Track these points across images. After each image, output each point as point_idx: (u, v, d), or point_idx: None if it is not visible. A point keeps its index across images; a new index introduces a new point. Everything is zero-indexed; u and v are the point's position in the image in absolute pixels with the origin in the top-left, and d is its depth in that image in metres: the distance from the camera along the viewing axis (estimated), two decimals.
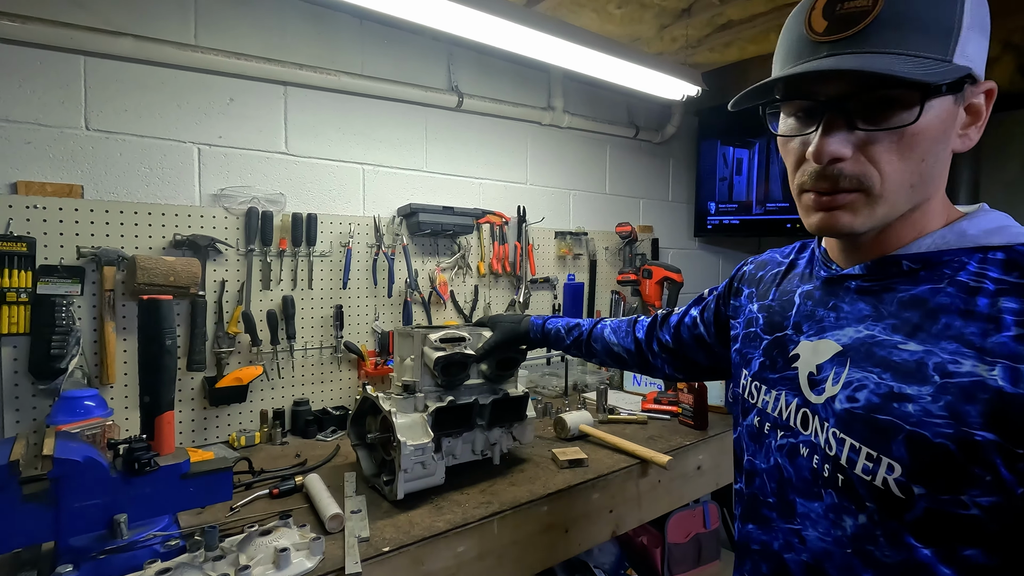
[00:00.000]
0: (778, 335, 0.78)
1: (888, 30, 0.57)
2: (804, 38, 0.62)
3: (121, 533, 0.97)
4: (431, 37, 2.19)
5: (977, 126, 0.64)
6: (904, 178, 0.61)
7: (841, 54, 0.58)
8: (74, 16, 1.52)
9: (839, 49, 0.59)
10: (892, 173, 0.60)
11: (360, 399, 1.45)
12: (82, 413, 1.38)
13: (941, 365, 0.58)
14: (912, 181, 0.61)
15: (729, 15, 2.12)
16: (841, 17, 0.59)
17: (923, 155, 0.60)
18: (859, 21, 0.58)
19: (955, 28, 0.57)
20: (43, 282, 1.45)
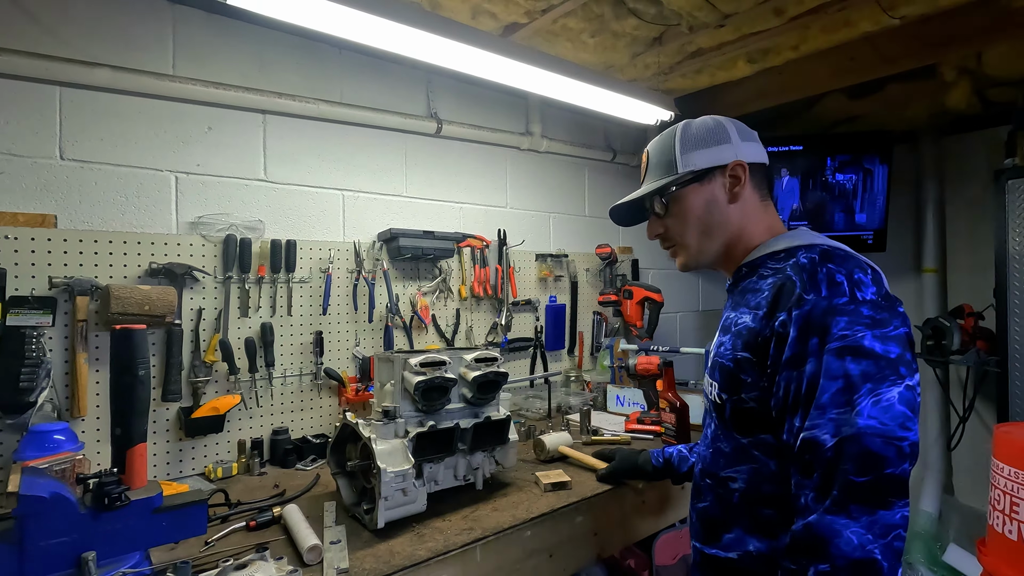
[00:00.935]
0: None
1: (650, 173, 1.13)
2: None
3: (89, 572, 0.94)
4: (410, 66, 2.23)
5: (741, 185, 1.03)
6: (690, 233, 1.07)
7: (641, 187, 1.14)
8: (50, 47, 1.52)
9: (641, 186, 1.14)
10: (682, 233, 1.09)
11: (340, 426, 1.42)
12: (51, 447, 1.34)
13: (736, 320, 0.98)
14: (698, 232, 1.06)
15: (699, 43, 2.19)
16: (642, 173, 1.16)
17: (697, 217, 1.06)
18: (643, 173, 1.16)
19: (673, 159, 1.06)
20: (13, 313, 1.42)
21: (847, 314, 0.81)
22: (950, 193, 3.00)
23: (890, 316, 0.81)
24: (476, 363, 1.48)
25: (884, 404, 0.76)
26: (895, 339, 0.80)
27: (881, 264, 3.08)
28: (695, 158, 1.04)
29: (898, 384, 0.78)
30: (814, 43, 2.15)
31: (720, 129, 1.05)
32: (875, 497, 0.75)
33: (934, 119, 2.83)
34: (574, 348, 2.80)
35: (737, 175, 1.03)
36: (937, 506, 2.92)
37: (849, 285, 0.83)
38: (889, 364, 0.78)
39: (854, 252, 0.92)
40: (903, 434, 0.76)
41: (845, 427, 0.77)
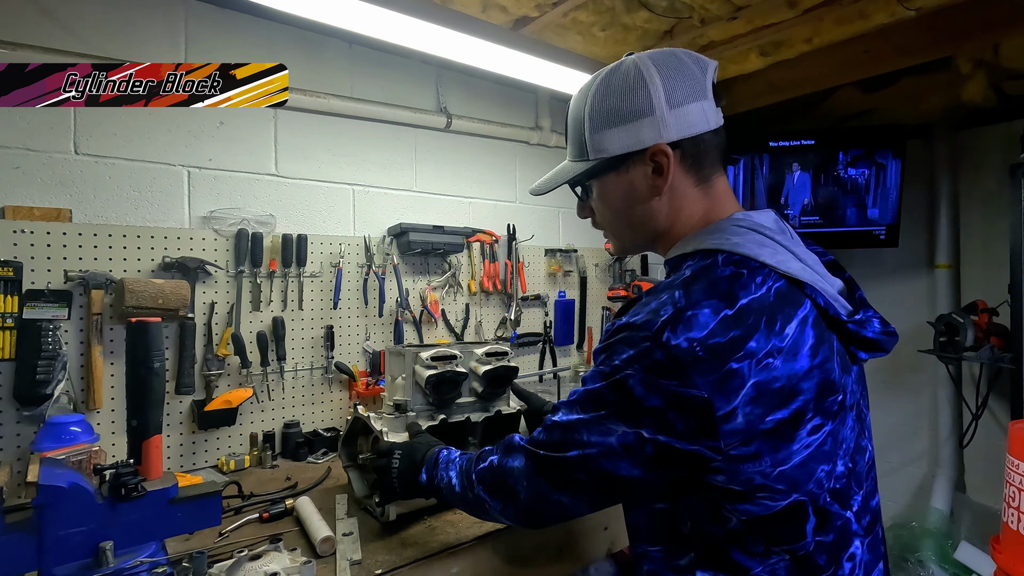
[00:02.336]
0: None
1: (568, 144, 0.94)
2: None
3: (107, 561, 0.95)
4: (420, 60, 2.23)
5: (664, 175, 0.83)
6: (615, 223, 0.93)
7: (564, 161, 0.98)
8: (64, 43, 1.53)
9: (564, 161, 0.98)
10: (607, 223, 0.95)
11: (351, 419, 1.43)
12: (68, 439, 1.36)
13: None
14: (621, 227, 0.93)
15: (710, 36, 2.17)
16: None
17: (617, 212, 0.91)
18: (565, 139, 0.96)
19: (583, 140, 0.87)
20: (29, 307, 1.43)
21: (634, 347, 0.72)
22: (964, 188, 2.96)
23: (684, 371, 0.68)
24: (487, 357, 1.48)
25: (602, 429, 0.76)
26: (665, 394, 0.69)
27: (894, 260, 3.02)
28: (607, 141, 0.84)
29: (628, 428, 0.73)
30: (828, 36, 2.12)
31: (641, 93, 0.80)
32: (546, 468, 0.83)
33: (949, 113, 2.78)
34: (583, 343, 2.79)
35: (660, 163, 0.82)
36: (949, 504, 2.90)
37: (668, 320, 0.70)
38: (635, 408, 0.72)
39: (767, 263, 0.75)
40: (597, 458, 0.77)
41: (570, 418, 0.81)
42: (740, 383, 0.68)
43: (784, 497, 0.71)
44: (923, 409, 3.09)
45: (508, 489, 0.87)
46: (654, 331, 0.70)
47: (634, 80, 0.82)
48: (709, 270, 0.76)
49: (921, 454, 3.11)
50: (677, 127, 0.81)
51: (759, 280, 0.74)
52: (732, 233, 0.79)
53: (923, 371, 3.02)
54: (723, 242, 0.78)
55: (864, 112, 2.97)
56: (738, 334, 0.69)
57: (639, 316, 0.74)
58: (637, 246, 0.95)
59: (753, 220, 0.82)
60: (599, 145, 0.85)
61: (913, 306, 3.03)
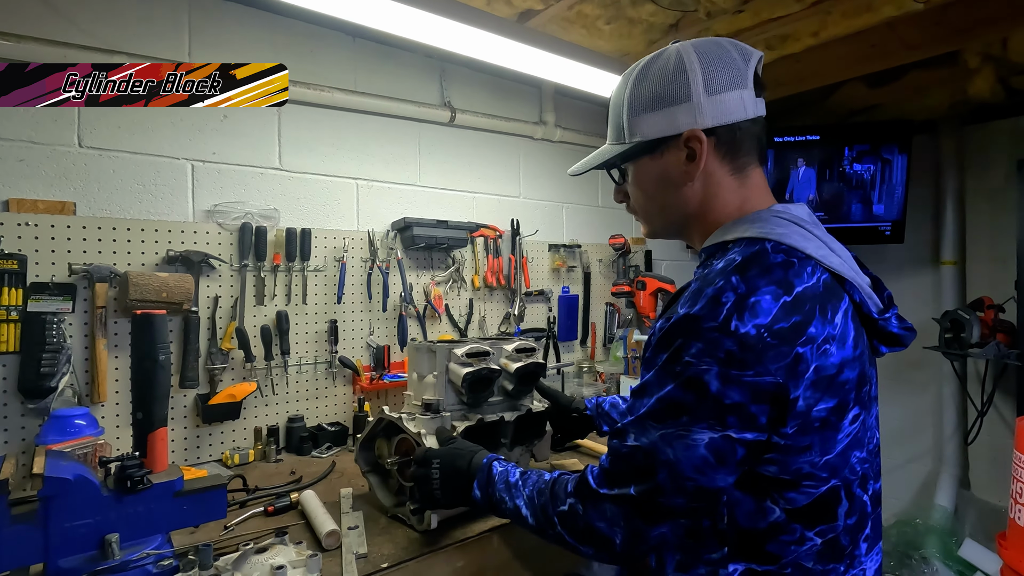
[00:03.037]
0: None
1: (609, 127, 0.94)
2: None
3: (113, 553, 0.95)
4: (424, 54, 2.22)
5: (697, 162, 0.83)
6: (647, 208, 0.94)
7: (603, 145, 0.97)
8: (68, 35, 1.53)
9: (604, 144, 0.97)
10: (640, 206, 0.96)
11: (373, 421, 1.34)
12: (73, 432, 1.35)
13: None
14: (655, 208, 0.93)
15: (716, 30, 2.16)
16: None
17: (651, 196, 0.92)
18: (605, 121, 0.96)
19: (622, 124, 0.89)
20: (34, 299, 1.43)
21: (704, 341, 0.69)
22: (971, 184, 2.94)
23: (760, 357, 0.67)
24: (516, 353, 1.43)
25: (688, 442, 0.70)
26: (742, 386, 0.68)
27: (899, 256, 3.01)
28: (643, 125, 0.86)
29: (713, 431, 0.69)
30: (834, 29, 2.11)
31: (680, 80, 0.82)
32: (636, 507, 0.76)
33: (955, 108, 2.77)
34: (587, 339, 2.79)
35: (693, 149, 0.83)
36: (953, 501, 2.89)
37: (732, 308, 0.69)
38: (716, 408, 0.69)
39: (812, 256, 0.76)
40: (692, 475, 0.71)
41: (644, 439, 0.74)
42: (805, 368, 0.69)
43: (824, 484, 0.73)
44: (928, 406, 3.08)
45: (601, 538, 0.80)
46: (721, 321, 0.69)
47: (674, 67, 0.83)
48: (761, 257, 0.75)
49: (926, 451, 3.10)
50: (713, 114, 0.81)
51: (809, 270, 0.75)
52: (776, 224, 0.80)
53: (928, 368, 3.01)
54: (769, 232, 0.78)
55: (870, 107, 2.96)
56: (799, 320, 0.70)
57: (699, 306, 0.71)
58: (668, 231, 0.95)
59: (792, 213, 0.82)
60: (636, 129, 0.87)
61: (918, 303, 3.02)
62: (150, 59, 1.62)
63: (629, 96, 0.87)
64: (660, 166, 0.87)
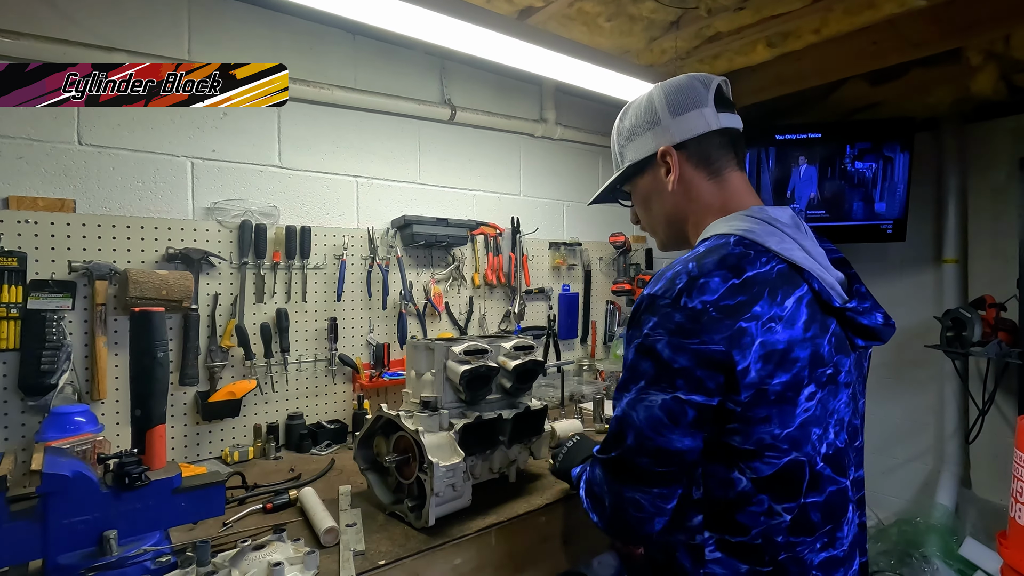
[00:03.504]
0: None
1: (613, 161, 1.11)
2: None
3: (111, 550, 0.95)
4: (424, 51, 2.22)
5: (672, 173, 0.98)
6: (649, 219, 1.09)
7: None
8: (68, 32, 1.53)
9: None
10: (647, 223, 1.10)
11: (372, 419, 1.35)
12: (72, 429, 1.36)
13: None
14: (656, 221, 1.06)
15: (717, 27, 2.15)
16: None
17: (649, 209, 1.06)
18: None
19: (619, 155, 1.07)
20: (34, 297, 1.43)
21: (658, 315, 0.82)
22: (973, 182, 2.93)
23: (705, 329, 0.78)
24: (515, 351, 1.43)
25: (646, 403, 0.83)
26: (688, 352, 0.79)
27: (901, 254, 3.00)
28: (629, 151, 1.04)
29: (666, 393, 0.81)
30: (836, 26, 2.09)
31: (649, 110, 1.01)
32: (616, 470, 0.88)
33: (958, 105, 2.75)
34: (587, 337, 2.79)
35: (667, 162, 0.98)
36: (954, 500, 2.88)
37: (684, 288, 0.81)
38: (667, 372, 0.81)
39: (771, 249, 0.85)
40: (651, 435, 0.82)
41: (617, 408, 0.88)
42: (750, 340, 0.79)
43: (786, 455, 0.81)
44: (929, 405, 3.07)
45: (597, 499, 0.93)
46: (673, 297, 0.81)
47: (646, 101, 1.02)
48: (721, 248, 0.86)
49: (926, 450, 3.09)
50: (679, 131, 0.97)
51: (764, 260, 0.85)
52: (745, 221, 0.90)
53: (929, 366, 3.00)
54: (735, 228, 0.89)
55: (872, 105, 2.94)
56: (744, 299, 0.80)
57: (658, 287, 0.84)
58: (672, 239, 1.07)
59: (768, 213, 0.91)
60: (625, 155, 1.05)
61: (920, 301, 3.01)
62: (150, 56, 1.63)
63: (618, 131, 1.07)
64: (649, 182, 1.03)
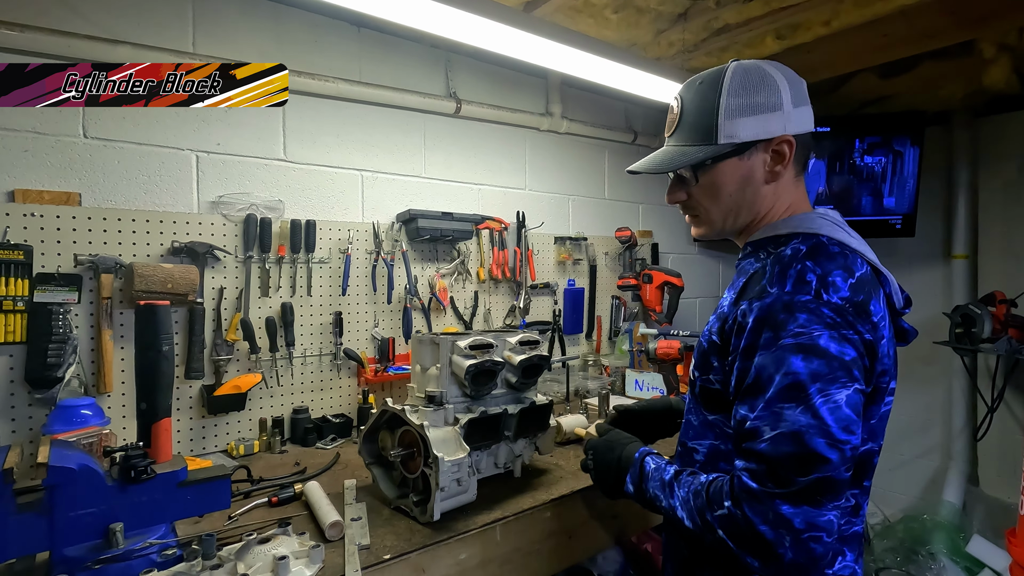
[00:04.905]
0: None
1: (681, 130, 0.99)
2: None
3: (117, 542, 0.96)
4: (429, 44, 2.20)
5: (783, 164, 0.93)
6: (717, 209, 0.98)
7: (667, 146, 1.02)
8: (72, 24, 1.52)
9: (668, 141, 1.02)
10: (708, 208, 0.99)
11: (377, 413, 1.35)
12: (78, 422, 1.36)
13: (722, 301, 0.97)
14: (726, 210, 0.98)
15: (725, 19, 2.13)
16: (668, 122, 1.03)
17: (728, 194, 0.96)
18: (672, 126, 1.01)
19: (714, 125, 0.92)
20: (40, 290, 1.44)
21: (807, 312, 0.78)
22: (984, 176, 2.89)
23: (854, 321, 0.79)
24: (520, 346, 1.42)
25: (831, 405, 0.75)
26: (852, 342, 0.78)
27: (910, 250, 2.96)
28: (739, 127, 0.91)
29: (847, 387, 0.77)
30: (846, 18, 2.07)
31: (772, 91, 0.91)
32: (807, 495, 0.74)
33: (969, 99, 2.72)
34: (592, 332, 2.78)
35: (782, 152, 0.92)
36: (961, 497, 2.87)
37: (818, 284, 0.80)
38: (842, 366, 0.77)
39: (857, 250, 0.88)
40: (846, 437, 0.75)
41: (785, 423, 0.76)
42: (879, 336, 0.82)
43: (864, 444, 0.84)
44: (937, 401, 3.05)
45: (768, 548, 0.76)
46: (814, 293, 0.80)
47: (762, 79, 0.92)
48: (822, 247, 0.86)
49: (934, 447, 3.08)
50: (797, 123, 0.93)
51: (859, 261, 0.87)
52: (823, 224, 0.91)
53: (938, 363, 2.98)
54: (820, 228, 0.90)
55: (882, 98, 2.91)
56: (863, 299, 0.82)
57: (787, 287, 0.81)
58: (731, 229, 1.01)
59: (831, 216, 0.94)
60: (731, 131, 0.92)
61: (929, 297, 2.98)
62: (154, 49, 1.62)
63: (725, 100, 0.92)
64: (747, 167, 0.94)
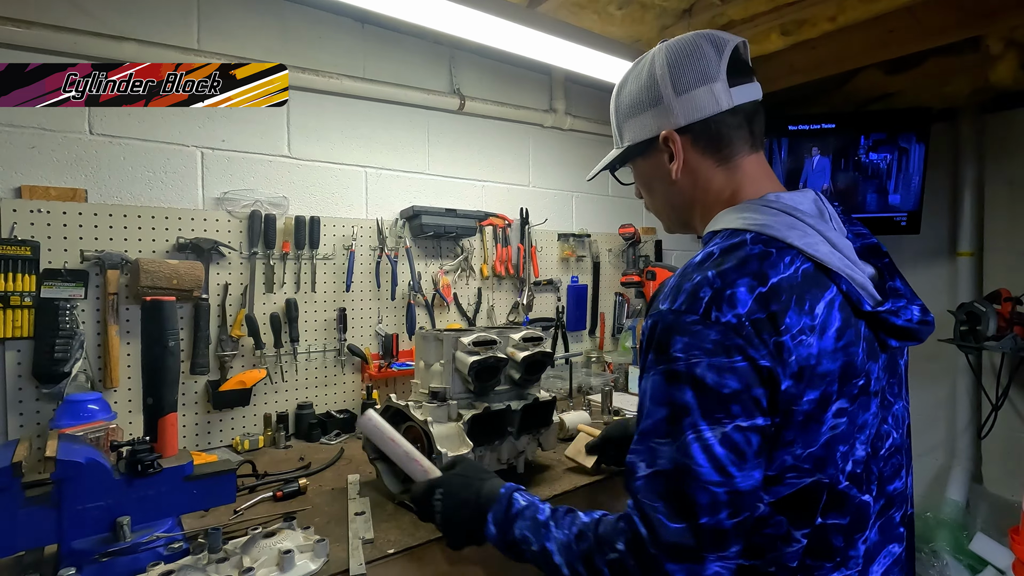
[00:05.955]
0: None
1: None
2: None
3: (124, 535, 0.97)
4: (433, 40, 2.20)
5: (676, 160, 0.87)
6: (655, 206, 0.99)
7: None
8: (78, 21, 1.53)
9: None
10: (649, 205, 1.00)
11: (381, 409, 1.34)
12: (85, 417, 1.37)
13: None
14: (661, 206, 0.98)
15: (730, 15, 2.12)
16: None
17: (649, 190, 0.97)
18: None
19: (617, 131, 0.95)
20: (47, 286, 1.45)
21: (689, 334, 0.69)
22: (990, 173, 2.88)
23: (744, 345, 0.68)
24: (524, 342, 1.43)
25: (701, 444, 0.67)
26: (734, 372, 0.67)
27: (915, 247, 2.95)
28: (629, 130, 0.92)
29: (723, 424, 0.67)
30: (852, 14, 2.05)
31: (650, 84, 0.86)
32: (683, 548, 0.66)
33: (976, 95, 2.70)
34: (595, 329, 2.78)
35: (670, 149, 0.87)
36: (965, 495, 2.86)
37: (711, 301, 0.70)
38: (719, 400, 0.67)
39: (795, 245, 0.74)
40: (720, 479, 0.66)
41: (660, 460, 0.69)
42: (788, 355, 0.68)
43: (808, 476, 0.71)
44: (941, 399, 3.04)
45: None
46: (702, 312, 0.70)
47: (647, 73, 0.88)
48: (737, 248, 0.75)
49: (937, 444, 3.07)
50: (684, 113, 0.84)
51: (787, 260, 0.73)
52: (761, 213, 0.79)
53: (942, 360, 2.97)
54: (751, 222, 0.78)
55: (887, 95, 2.90)
56: (776, 309, 0.69)
57: (679, 301, 0.72)
58: (677, 225, 0.98)
59: (784, 201, 0.80)
60: (624, 133, 0.93)
61: (934, 294, 2.97)
62: (159, 45, 1.62)
63: (616, 103, 0.94)
64: (650, 165, 0.92)
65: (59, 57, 1.51)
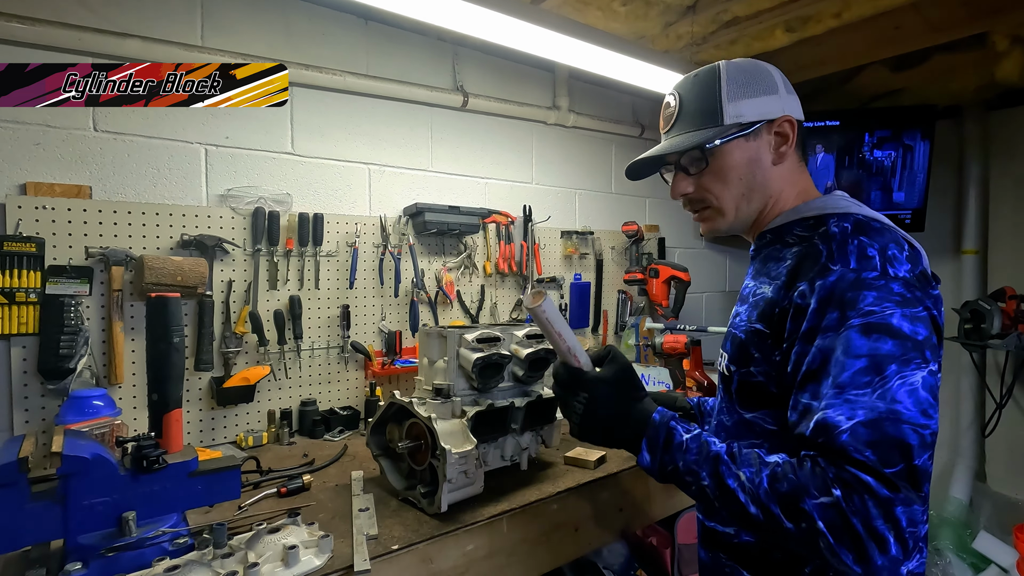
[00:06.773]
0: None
1: (682, 121, 0.97)
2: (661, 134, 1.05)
3: (130, 531, 0.97)
4: (436, 37, 2.20)
5: (788, 144, 0.94)
6: (729, 195, 0.96)
7: (667, 139, 1.00)
8: (82, 18, 1.53)
9: (667, 136, 1.01)
10: (719, 195, 0.96)
11: (384, 405, 1.35)
12: (91, 412, 1.38)
13: (755, 290, 0.92)
14: (738, 194, 0.95)
15: (734, 12, 2.11)
16: (665, 118, 1.02)
17: (739, 177, 0.94)
18: (670, 120, 1.00)
19: (718, 108, 0.93)
20: (52, 282, 1.45)
21: (876, 289, 0.74)
22: (995, 171, 2.87)
23: (922, 296, 0.76)
24: (527, 339, 1.43)
25: (908, 388, 0.70)
26: (923, 320, 0.74)
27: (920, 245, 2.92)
28: (743, 108, 0.92)
29: (922, 368, 0.71)
30: (857, 10, 2.05)
31: (766, 76, 0.94)
32: (904, 487, 0.67)
33: (981, 92, 2.69)
34: (598, 326, 2.78)
35: (785, 133, 0.93)
36: (968, 493, 2.86)
37: (881, 260, 0.77)
38: (916, 346, 0.72)
39: (892, 225, 0.86)
40: (925, 421, 0.70)
41: (863, 410, 0.69)
42: (941, 306, 0.80)
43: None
44: (945, 397, 3.03)
45: (879, 544, 0.66)
46: (880, 269, 0.76)
47: (755, 67, 0.96)
48: (865, 223, 0.84)
49: (941, 442, 3.05)
50: (792, 108, 0.95)
51: (900, 237, 0.84)
52: (850, 203, 0.90)
53: (946, 358, 2.93)
54: (849, 207, 0.89)
55: (892, 92, 2.89)
56: (925, 267, 0.81)
57: (851, 263, 0.78)
58: (742, 219, 0.98)
59: (850, 198, 0.92)
60: (735, 112, 0.93)
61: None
62: (163, 42, 1.62)
63: (727, 82, 0.94)
64: (753, 148, 0.94)
65: (63, 54, 1.51)
